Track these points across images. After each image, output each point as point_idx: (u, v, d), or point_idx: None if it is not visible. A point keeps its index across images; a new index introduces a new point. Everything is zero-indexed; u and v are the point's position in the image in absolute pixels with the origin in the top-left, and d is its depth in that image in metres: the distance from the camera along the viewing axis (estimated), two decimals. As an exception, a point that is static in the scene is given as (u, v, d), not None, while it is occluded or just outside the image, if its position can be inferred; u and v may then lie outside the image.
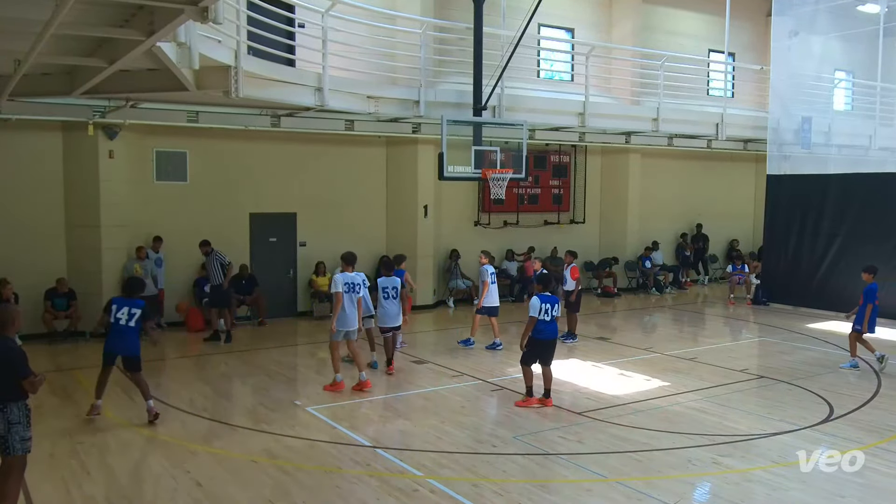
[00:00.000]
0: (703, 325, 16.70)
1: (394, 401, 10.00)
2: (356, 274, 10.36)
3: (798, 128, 18.29)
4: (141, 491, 6.95)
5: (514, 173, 14.61)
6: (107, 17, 7.21)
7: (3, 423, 5.65)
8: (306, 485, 7.06)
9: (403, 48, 15.12)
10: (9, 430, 5.66)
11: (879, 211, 16.23)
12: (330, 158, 16.31)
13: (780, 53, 18.56)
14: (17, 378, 5.70)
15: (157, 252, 14.44)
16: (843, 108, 23.03)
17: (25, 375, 5.72)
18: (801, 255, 17.63)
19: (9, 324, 5.86)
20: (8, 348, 5.79)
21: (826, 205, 17.23)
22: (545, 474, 7.38)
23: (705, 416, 9.17)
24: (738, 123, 19.59)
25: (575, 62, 18.59)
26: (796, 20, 18.74)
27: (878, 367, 11.49)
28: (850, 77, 22.88)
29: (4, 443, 5.67)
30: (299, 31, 13.08)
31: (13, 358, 5.74)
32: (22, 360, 5.77)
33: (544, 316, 9.43)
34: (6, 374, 5.69)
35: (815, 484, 7.05)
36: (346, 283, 10.08)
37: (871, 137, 20.45)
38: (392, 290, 11.34)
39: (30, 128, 13.18)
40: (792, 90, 18.76)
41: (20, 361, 5.75)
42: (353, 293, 10.16)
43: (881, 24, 18.69)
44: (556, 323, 9.69)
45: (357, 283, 10.24)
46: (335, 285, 10.06)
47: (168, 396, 9.93)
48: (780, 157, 18.32)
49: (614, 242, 20.51)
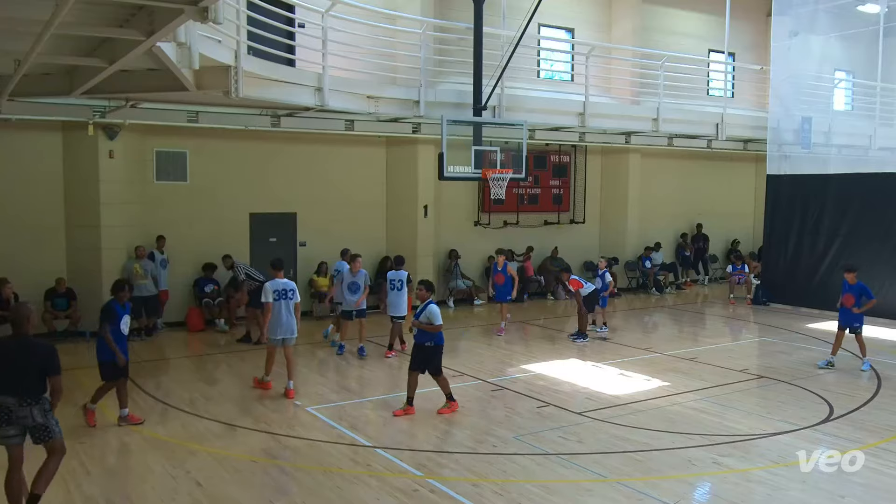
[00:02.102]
0: (703, 325, 16.69)
1: (394, 401, 9.99)
2: (286, 281, 10.29)
3: (798, 128, 18.29)
4: (141, 491, 6.95)
5: (514, 173, 14.62)
6: (107, 17, 7.21)
7: (41, 413, 6.06)
8: (306, 485, 7.06)
9: (403, 48, 15.12)
10: (46, 418, 6.08)
11: (879, 211, 16.23)
12: (330, 158, 16.31)
13: (780, 53, 18.56)
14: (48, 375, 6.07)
15: (161, 252, 14.44)
16: (843, 108, 23.02)
17: (57, 373, 6.09)
18: (800, 255, 17.63)
19: (25, 322, 6.12)
20: (43, 347, 6.16)
21: (826, 205, 17.22)
22: (545, 474, 7.38)
23: (705, 416, 9.17)
24: (738, 123, 19.60)
25: (575, 62, 18.59)
26: (796, 20, 18.74)
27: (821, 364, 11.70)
28: (850, 77, 22.88)
29: (46, 430, 6.10)
30: (299, 31, 13.09)
31: (49, 356, 6.09)
32: (56, 359, 6.11)
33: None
34: (41, 372, 6.04)
35: (815, 484, 7.05)
36: (275, 291, 10.07)
37: (871, 137, 20.46)
38: (398, 282, 12.44)
39: (30, 128, 13.18)
40: (792, 90, 18.76)
41: (54, 360, 6.10)
42: (287, 300, 10.12)
43: (881, 24, 18.70)
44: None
45: (288, 290, 10.18)
46: (265, 295, 10.09)
47: (168, 396, 9.93)
48: (780, 157, 18.32)
49: (614, 242, 20.50)
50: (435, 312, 9.10)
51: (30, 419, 5.99)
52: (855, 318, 11.64)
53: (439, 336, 9.22)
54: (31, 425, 6.02)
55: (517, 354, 12.75)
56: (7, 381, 5.98)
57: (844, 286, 11.88)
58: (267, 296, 10.04)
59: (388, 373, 11.68)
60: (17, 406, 5.96)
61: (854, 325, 11.67)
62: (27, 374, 5.99)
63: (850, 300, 11.64)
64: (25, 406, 5.97)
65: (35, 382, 6.03)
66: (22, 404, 5.97)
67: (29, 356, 6.03)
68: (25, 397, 5.97)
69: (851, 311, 11.62)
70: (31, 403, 6.00)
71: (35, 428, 6.04)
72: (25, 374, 5.99)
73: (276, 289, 10.08)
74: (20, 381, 5.98)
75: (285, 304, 10.10)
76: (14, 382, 5.98)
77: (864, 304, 11.58)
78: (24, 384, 5.98)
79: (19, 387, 5.97)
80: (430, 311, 9.14)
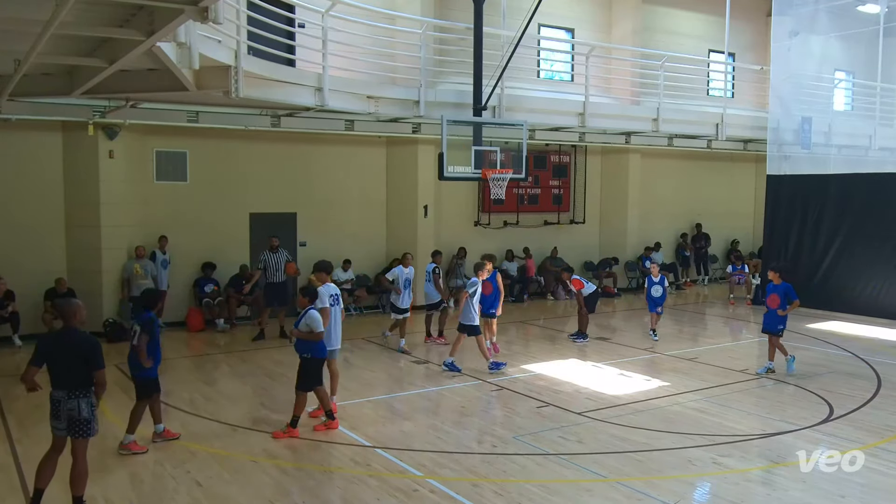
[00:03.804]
0: (703, 325, 16.69)
1: (394, 401, 10.00)
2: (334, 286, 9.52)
3: (798, 128, 18.28)
4: (141, 491, 6.95)
5: (514, 173, 14.61)
6: (107, 17, 7.21)
7: (88, 407, 6.18)
8: (306, 485, 7.07)
9: (403, 48, 15.11)
10: (92, 413, 6.20)
11: (879, 211, 16.23)
12: (330, 158, 16.31)
13: (780, 53, 18.54)
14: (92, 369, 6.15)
15: (163, 252, 14.44)
16: (843, 108, 23.02)
17: (101, 367, 6.19)
18: (801, 255, 17.62)
19: (71, 316, 6.25)
20: (88, 340, 6.26)
21: (826, 205, 17.22)
22: (545, 474, 7.37)
23: (705, 416, 9.17)
24: (738, 123, 19.60)
25: (575, 62, 18.59)
26: (796, 20, 18.72)
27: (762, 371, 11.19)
28: (850, 77, 22.87)
29: (88, 426, 6.20)
30: (299, 31, 13.08)
31: (93, 349, 6.18)
32: (100, 353, 6.21)
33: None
34: (86, 365, 6.15)
35: (815, 484, 7.05)
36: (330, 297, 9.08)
37: (871, 137, 20.45)
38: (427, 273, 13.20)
39: (30, 128, 13.18)
40: (792, 90, 18.75)
41: (99, 354, 6.19)
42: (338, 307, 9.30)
43: (881, 24, 18.69)
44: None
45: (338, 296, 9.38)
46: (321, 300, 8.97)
47: (168, 396, 9.91)
48: (780, 157, 18.31)
49: (614, 242, 20.51)
50: (315, 319, 8.26)
51: (76, 411, 6.13)
52: (780, 320, 11.09)
53: (320, 347, 8.39)
54: (77, 418, 6.14)
55: (517, 354, 12.74)
56: (57, 375, 6.18)
57: (769, 288, 11.35)
58: (324, 301, 8.89)
59: (389, 373, 11.69)
60: (66, 398, 6.13)
61: (779, 328, 11.11)
62: (73, 367, 6.14)
63: (776, 301, 11.07)
64: (73, 398, 6.13)
65: (82, 375, 6.16)
66: (70, 396, 6.13)
67: (75, 349, 6.17)
68: (74, 390, 6.13)
69: (776, 314, 11.05)
70: (80, 395, 6.15)
71: (79, 421, 6.16)
72: (71, 367, 6.14)
73: (330, 293, 9.07)
74: (68, 374, 6.14)
75: (335, 311, 9.14)
76: (63, 375, 6.15)
77: (790, 306, 11.06)
78: (71, 377, 6.14)
79: (68, 380, 6.14)
80: (310, 316, 8.27)
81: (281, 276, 13.89)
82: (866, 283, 16.19)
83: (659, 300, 13.98)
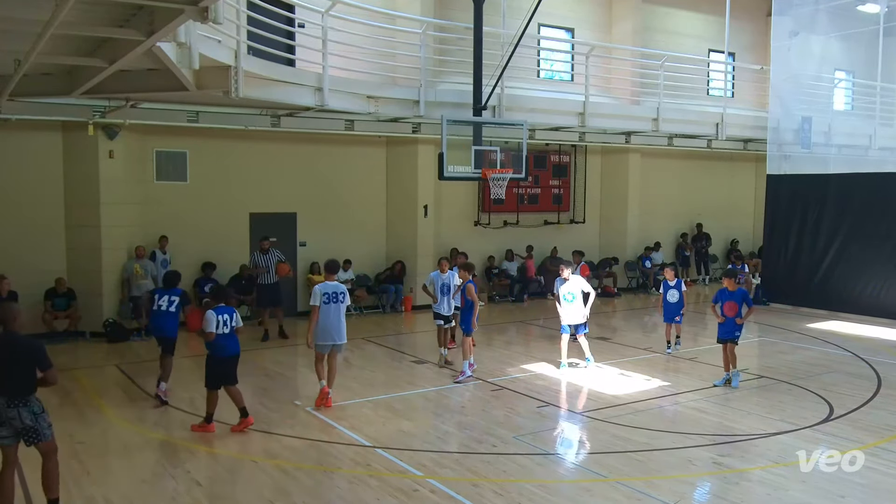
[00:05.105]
0: (703, 325, 16.68)
1: (394, 401, 9.99)
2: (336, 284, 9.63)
3: (798, 128, 18.29)
4: (141, 491, 6.94)
5: (514, 173, 14.61)
6: (107, 17, 7.21)
7: (30, 415, 6.01)
8: (306, 485, 7.06)
9: (403, 48, 15.12)
10: (36, 420, 6.03)
11: (879, 211, 16.22)
12: (330, 158, 16.31)
13: (780, 53, 18.55)
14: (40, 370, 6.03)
15: (164, 252, 14.43)
16: (843, 108, 23.02)
17: (49, 366, 6.07)
18: (801, 255, 17.62)
19: (11, 320, 6.08)
20: (28, 343, 6.12)
21: (826, 205, 17.21)
22: (545, 474, 7.38)
23: (705, 416, 9.17)
24: (738, 123, 19.60)
25: (575, 62, 18.59)
26: (796, 20, 18.73)
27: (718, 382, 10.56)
28: (850, 77, 22.87)
29: (35, 433, 6.04)
30: (299, 31, 13.08)
31: (36, 351, 6.06)
32: (44, 353, 6.09)
33: (223, 329, 8.56)
34: (28, 369, 6.02)
35: (815, 484, 7.05)
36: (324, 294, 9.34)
37: (871, 137, 20.45)
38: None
39: (30, 128, 13.17)
40: (792, 90, 18.75)
41: (43, 354, 6.07)
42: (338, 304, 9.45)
43: (881, 24, 18.68)
44: (237, 336, 8.77)
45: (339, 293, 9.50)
46: (313, 298, 9.34)
47: (168, 396, 9.92)
48: (780, 157, 18.31)
49: (614, 242, 20.51)
50: (208, 319, 8.44)
51: (18, 421, 5.94)
52: (738, 328, 10.56)
53: (214, 345, 8.52)
54: (20, 427, 5.96)
55: (517, 354, 12.74)
56: None
57: (724, 295, 10.62)
58: (315, 299, 9.32)
59: (389, 373, 11.69)
60: (6, 407, 5.93)
61: (735, 335, 10.54)
62: (13, 372, 5.95)
63: (734, 309, 10.46)
64: (13, 407, 5.93)
65: (22, 382, 5.97)
66: (10, 405, 5.93)
67: (14, 353, 5.98)
68: (13, 398, 5.93)
69: (734, 322, 10.46)
70: (19, 405, 5.94)
71: (24, 430, 5.98)
72: (11, 372, 5.94)
73: (325, 292, 9.34)
74: (6, 381, 5.93)
75: (335, 307, 9.40)
76: (3, 382, 5.93)
77: (747, 313, 10.62)
78: (10, 383, 5.94)
79: (6, 386, 5.93)
80: (205, 317, 8.53)
81: (272, 278, 13.92)
82: (866, 282, 16.18)
83: (676, 308, 12.52)
